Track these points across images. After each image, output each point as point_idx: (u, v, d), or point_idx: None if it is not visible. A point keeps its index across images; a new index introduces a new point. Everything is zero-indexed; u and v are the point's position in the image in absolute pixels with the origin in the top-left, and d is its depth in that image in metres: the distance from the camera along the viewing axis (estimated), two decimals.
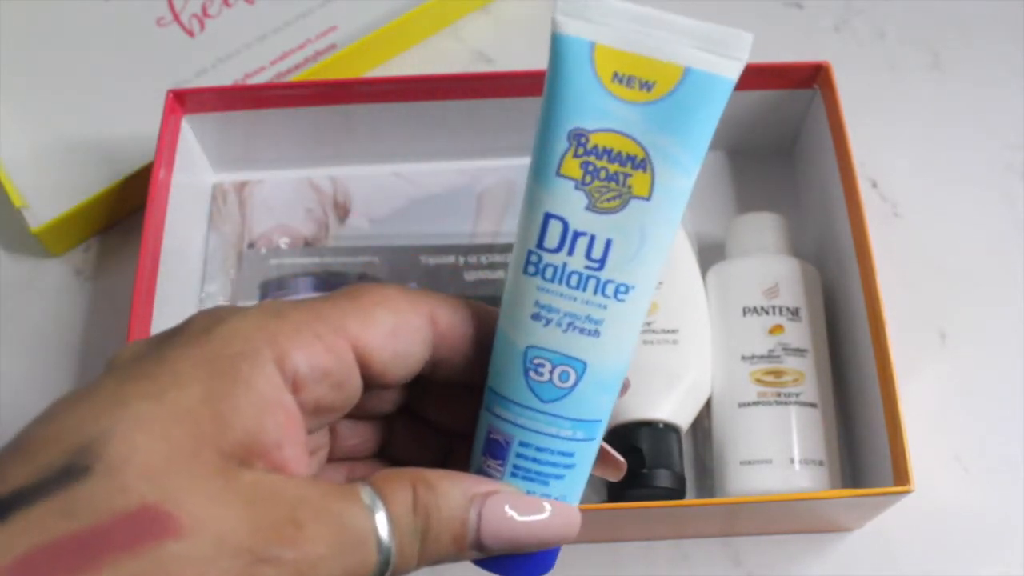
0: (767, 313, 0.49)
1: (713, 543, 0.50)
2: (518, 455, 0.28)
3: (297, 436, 0.26)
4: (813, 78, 0.53)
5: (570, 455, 0.29)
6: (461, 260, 0.55)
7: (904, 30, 0.63)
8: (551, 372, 0.28)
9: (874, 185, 0.58)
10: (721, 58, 0.27)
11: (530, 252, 0.28)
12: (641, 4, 0.27)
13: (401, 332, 0.28)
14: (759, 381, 0.48)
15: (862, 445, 0.49)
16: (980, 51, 0.63)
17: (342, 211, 0.57)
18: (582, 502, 0.49)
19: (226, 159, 0.58)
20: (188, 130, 0.54)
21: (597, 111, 0.27)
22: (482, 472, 0.29)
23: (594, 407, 0.28)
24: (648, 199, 0.27)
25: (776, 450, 0.47)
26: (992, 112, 0.61)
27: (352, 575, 0.25)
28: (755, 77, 0.53)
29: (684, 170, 0.27)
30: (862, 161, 0.56)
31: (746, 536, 0.50)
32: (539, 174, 0.27)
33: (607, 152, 0.27)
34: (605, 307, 0.27)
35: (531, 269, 0.28)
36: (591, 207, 0.27)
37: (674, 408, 0.48)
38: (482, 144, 0.57)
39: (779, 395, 0.48)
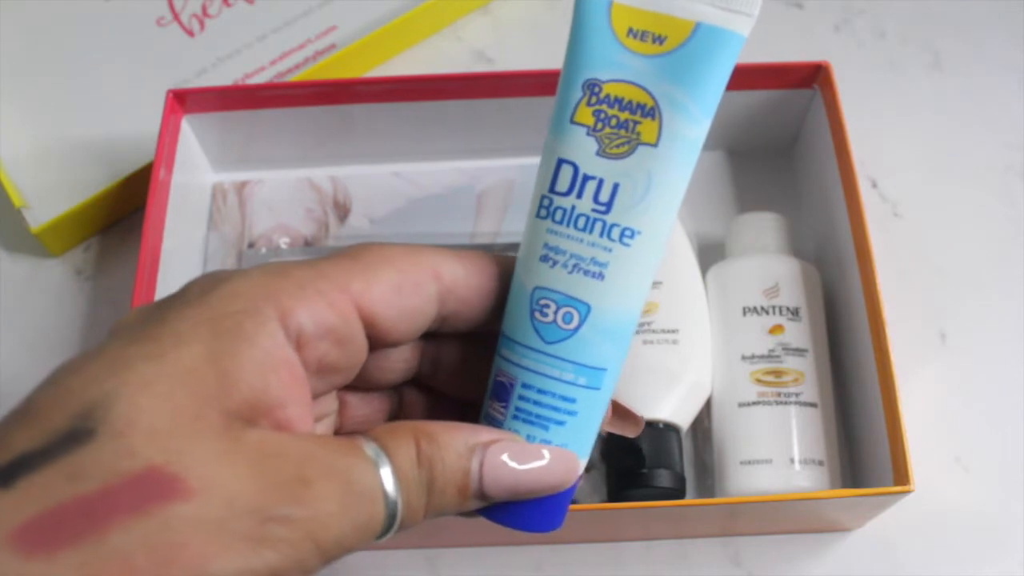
0: (767, 313, 0.49)
1: (713, 543, 0.50)
2: (520, 397, 0.29)
3: (302, 395, 0.26)
4: (813, 78, 0.53)
5: (571, 400, 0.29)
6: None
7: (904, 30, 0.63)
8: (555, 313, 0.29)
9: (874, 185, 0.58)
10: (731, 14, 0.28)
11: (543, 197, 0.29)
12: None
13: (405, 289, 0.28)
14: (759, 381, 0.48)
15: (862, 445, 0.49)
16: (980, 51, 0.63)
17: (342, 211, 0.57)
18: (586, 501, 0.50)
19: (226, 159, 0.58)
20: (188, 130, 0.54)
21: (611, 63, 0.28)
22: (488, 416, 0.30)
23: (598, 353, 0.29)
24: (655, 145, 0.28)
25: (776, 450, 0.47)
26: (992, 112, 0.61)
27: (361, 530, 0.25)
28: (755, 77, 0.53)
29: (692, 119, 0.28)
30: (862, 161, 0.56)
31: (746, 536, 0.50)
32: (555, 122, 0.29)
33: (618, 101, 0.28)
34: (610, 250, 0.28)
35: (542, 212, 0.29)
36: (601, 152, 0.28)
37: (674, 408, 0.48)
38: (482, 144, 0.57)
39: (779, 395, 0.48)
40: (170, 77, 0.59)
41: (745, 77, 0.53)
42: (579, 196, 0.28)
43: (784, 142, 0.58)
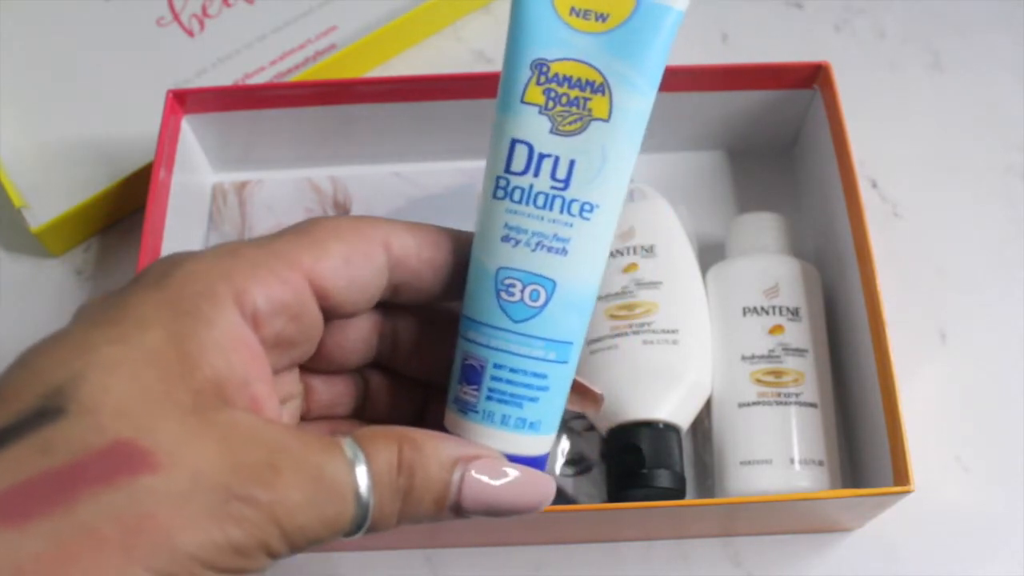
0: (767, 313, 0.49)
1: (713, 543, 0.50)
2: (492, 378, 0.29)
3: (263, 372, 0.26)
4: (813, 78, 0.53)
5: (543, 376, 0.29)
6: None
7: (904, 30, 0.63)
8: (522, 291, 0.29)
9: (874, 185, 0.59)
10: None
11: (499, 178, 0.29)
12: None
13: (354, 260, 0.28)
14: (759, 381, 0.48)
15: (862, 445, 0.49)
16: (980, 51, 0.63)
17: (342, 211, 0.57)
18: (586, 501, 0.50)
19: (226, 159, 0.58)
20: (188, 130, 0.54)
21: (557, 42, 0.29)
22: (459, 400, 0.30)
23: (565, 327, 0.29)
24: (607, 120, 0.29)
25: (776, 450, 0.47)
26: (992, 112, 0.61)
27: (328, 524, 0.25)
28: (755, 77, 0.53)
29: (640, 92, 0.29)
30: (862, 161, 0.56)
31: (746, 536, 0.50)
32: (505, 103, 0.29)
33: (567, 79, 0.29)
34: (571, 225, 0.29)
35: (500, 193, 0.29)
36: (554, 130, 0.29)
37: (674, 408, 0.48)
38: (482, 144, 0.56)
39: (779, 395, 0.48)
40: (170, 77, 0.59)
41: (745, 77, 0.53)
42: (536, 175, 0.29)
43: (784, 142, 0.58)
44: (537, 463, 0.30)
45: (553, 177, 0.29)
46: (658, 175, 0.57)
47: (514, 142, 0.29)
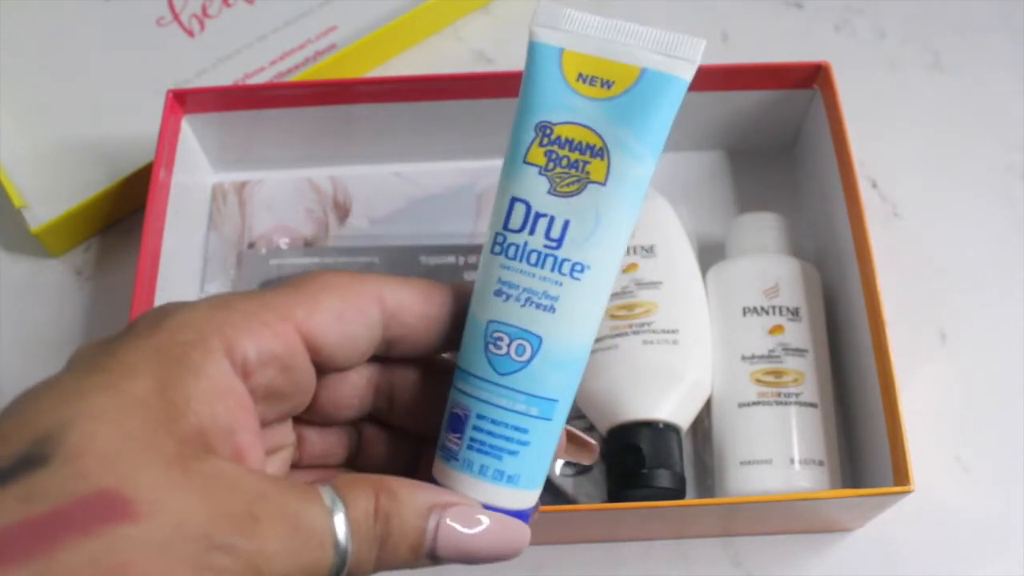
0: (767, 313, 0.49)
1: (713, 543, 0.50)
2: (475, 427, 0.30)
3: (249, 423, 0.27)
4: (813, 78, 0.53)
5: (524, 431, 0.30)
6: (461, 260, 0.55)
7: (904, 30, 0.63)
8: (508, 345, 0.29)
9: (874, 185, 0.59)
10: (674, 60, 0.29)
11: (497, 234, 0.30)
12: (615, 14, 0.30)
13: (348, 315, 0.29)
14: (759, 381, 0.48)
15: (862, 445, 0.49)
16: (980, 51, 0.63)
17: (342, 211, 0.57)
18: (586, 501, 0.49)
19: (226, 159, 0.58)
20: (188, 130, 0.54)
21: (562, 106, 0.29)
22: (444, 448, 0.30)
23: (549, 384, 0.30)
24: (604, 184, 0.29)
25: (776, 450, 0.47)
26: (992, 112, 0.61)
27: (306, 572, 0.25)
28: (755, 77, 0.53)
29: (638, 159, 0.29)
30: (862, 161, 0.56)
31: (746, 536, 0.50)
32: (509, 163, 0.30)
33: (569, 142, 0.29)
34: (561, 284, 0.29)
35: (496, 249, 0.30)
36: (552, 191, 0.29)
37: (674, 408, 0.48)
38: (482, 144, 0.57)
39: (779, 395, 0.48)
40: (170, 77, 0.59)
41: (745, 77, 0.53)
42: (531, 233, 0.29)
43: (784, 142, 0.58)
44: (519, 518, 0.30)
45: (547, 236, 0.29)
46: (658, 175, 0.56)
47: (513, 200, 0.30)
